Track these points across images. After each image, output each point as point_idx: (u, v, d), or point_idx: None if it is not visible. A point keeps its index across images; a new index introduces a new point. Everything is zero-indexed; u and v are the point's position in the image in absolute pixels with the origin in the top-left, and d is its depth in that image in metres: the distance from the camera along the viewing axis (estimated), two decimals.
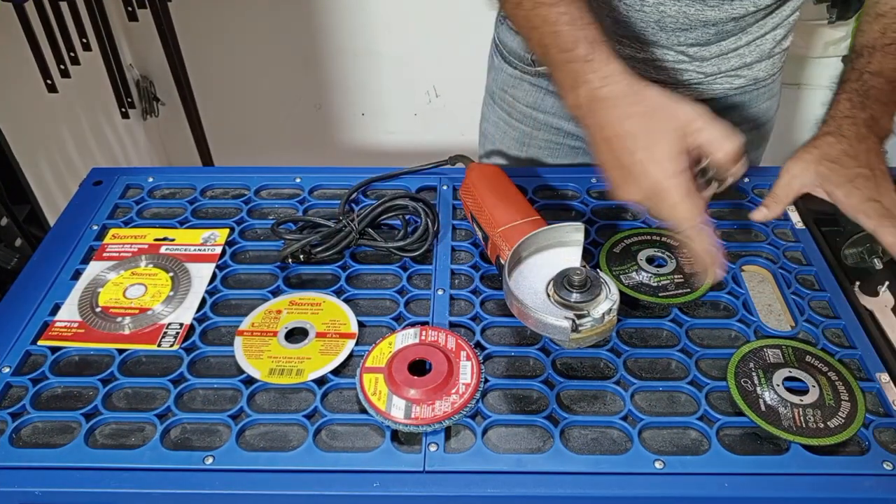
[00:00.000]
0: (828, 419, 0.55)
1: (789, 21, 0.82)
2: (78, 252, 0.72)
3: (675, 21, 0.75)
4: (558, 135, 0.91)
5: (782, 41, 0.84)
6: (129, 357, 0.61)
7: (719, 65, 0.81)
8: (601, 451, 0.54)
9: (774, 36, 0.82)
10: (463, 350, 0.59)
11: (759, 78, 0.85)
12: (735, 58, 0.81)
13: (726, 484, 0.52)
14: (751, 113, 0.88)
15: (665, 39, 0.78)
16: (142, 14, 1.54)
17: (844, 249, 0.69)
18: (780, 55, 0.85)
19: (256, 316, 0.64)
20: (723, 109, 0.86)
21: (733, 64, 0.82)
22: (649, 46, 0.79)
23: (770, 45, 0.82)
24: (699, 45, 0.78)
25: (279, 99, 1.99)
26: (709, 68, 0.81)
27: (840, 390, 0.57)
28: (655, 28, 0.77)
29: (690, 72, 0.81)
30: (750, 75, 0.84)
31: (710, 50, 0.79)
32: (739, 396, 0.56)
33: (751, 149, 0.92)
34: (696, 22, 0.75)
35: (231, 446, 0.54)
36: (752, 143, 0.91)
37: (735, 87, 0.84)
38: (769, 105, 0.90)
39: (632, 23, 0.77)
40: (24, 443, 0.56)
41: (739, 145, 0.55)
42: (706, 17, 0.74)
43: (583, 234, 0.62)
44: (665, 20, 0.75)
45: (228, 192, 0.80)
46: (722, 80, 0.83)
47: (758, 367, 0.59)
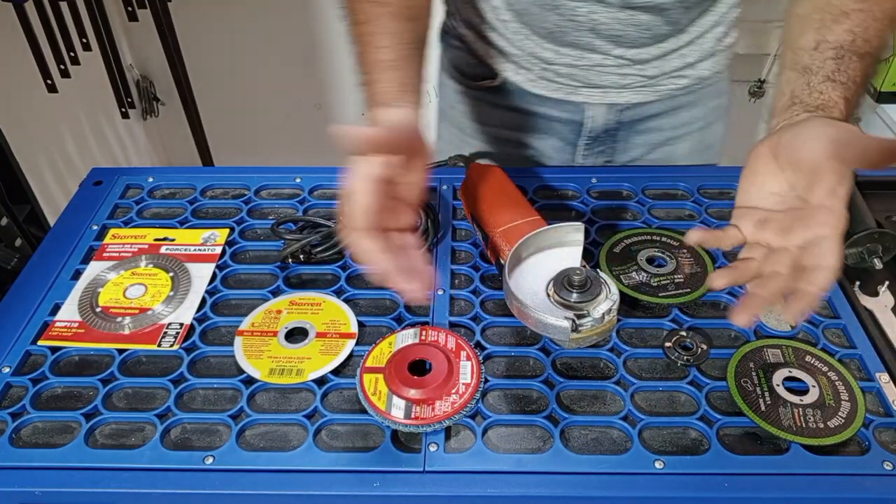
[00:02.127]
0: (828, 419, 0.55)
1: (729, 18, 0.81)
2: (78, 252, 0.72)
3: (609, 27, 0.75)
4: (508, 146, 0.90)
5: (724, 38, 0.83)
6: (129, 357, 0.61)
7: (661, 66, 0.81)
8: (601, 451, 0.54)
9: (715, 34, 0.81)
10: (463, 350, 0.59)
11: (704, 77, 0.84)
12: (676, 59, 0.81)
13: (726, 484, 0.52)
14: (700, 112, 0.87)
15: (602, 46, 0.77)
16: (142, 14, 1.54)
17: (844, 249, 0.69)
18: (725, 52, 0.85)
19: (256, 316, 0.64)
20: (671, 110, 0.86)
21: (675, 65, 0.81)
22: (589, 53, 0.78)
23: (711, 44, 0.82)
24: (637, 48, 0.78)
25: (279, 99, 1.99)
26: (651, 71, 0.80)
27: (840, 390, 0.57)
28: (591, 36, 0.76)
29: (633, 75, 0.81)
30: (694, 75, 0.83)
31: (650, 52, 0.78)
32: (739, 396, 0.56)
33: (703, 148, 0.91)
34: (629, 27, 0.74)
35: (231, 446, 0.54)
36: (704, 141, 0.90)
37: (680, 87, 0.83)
38: (718, 103, 0.89)
39: (566, 32, 0.76)
40: (24, 443, 0.56)
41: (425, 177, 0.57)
42: (639, 20, 0.74)
43: (583, 234, 0.62)
44: (599, 28, 0.75)
45: (228, 192, 0.80)
46: (666, 81, 0.82)
47: (758, 367, 0.59)
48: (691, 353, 0.60)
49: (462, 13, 0.84)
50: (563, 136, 0.87)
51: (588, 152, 0.88)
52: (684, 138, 0.88)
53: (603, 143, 0.87)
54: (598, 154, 0.88)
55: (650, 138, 0.87)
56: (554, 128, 0.86)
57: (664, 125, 0.86)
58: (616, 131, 0.86)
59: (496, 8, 0.79)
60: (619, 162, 0.89)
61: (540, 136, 0.87)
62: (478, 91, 0.87)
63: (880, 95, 1.67)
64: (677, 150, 0.89)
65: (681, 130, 0.88)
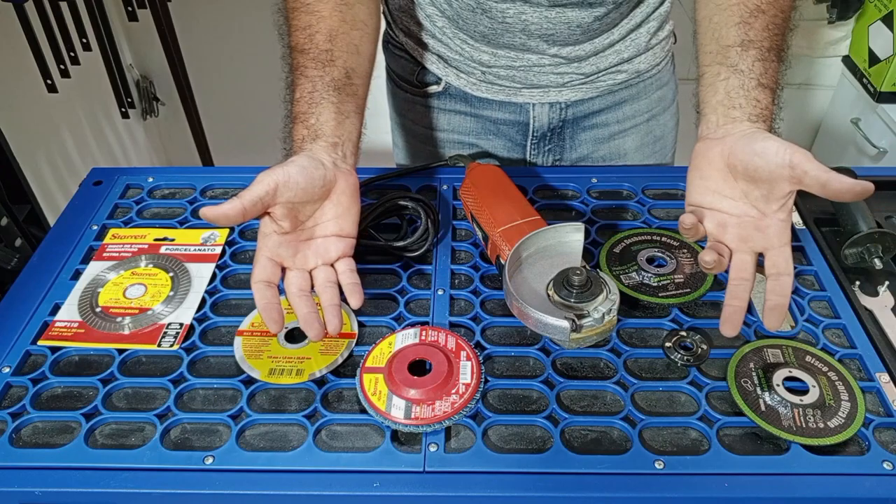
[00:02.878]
0: (828, 419, 0.55)
1: (660, 12, 0.82)
2: (78, 252, 0.72)
3: (540, 27, 0.75)
4: (460, 149, 0.90)
5: (658, 32, 0.83)
6: (129, 357, 0.61)
7: (597, 63, 0.81)
8: (601, 451, 0.54)
9: (648, 29, 0.82)
10: (463, 350, 0.59)
11: (642, 70, 0.84)
12: (612, 55, 0.81)
13: (726, 484, 0.52)
14: (643, 104, 0.88)
15: (537, 46, 0.78)
16: (142, 14, 1.54)
17: (844, 249, 0.69)
18: (661, 45, 0.85)
19: (256, 316, 0.64)
20: (614, 105, 0.86)
21: (612, 61, 0.82)
22: (524, 54, 0.79)
23: (646, 38, 0.82)
24: (571, 45, 0.78)
25: (279, 99, 1.99)
26: (587, 68, 0.81)
27: (840, 390, 0.57)
28: (524, 36, 0.77)
29: (570, 73, 0.81)
30: (631, 69, 0.83)
31: (584, 49, 0.79)
32: (739, 396, 0.56)
33: (652, 141, 0.92)
34: (559, 25, 0.75)
35: (231, 446, 0.54)
36: (652, 133, 0.91)
37: (619, 82, 0.84)
38: (662, 94, 0.89)
39: (499, 34, 0.77)
40: (24, 443, 0.56)
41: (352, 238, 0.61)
42: (567, 18, 0.74)
43: (583, 234, 0.62)
44: (530, 28, 0.75)
45: (228, 192, 0.80)
46: (604, 77, 0.83)
47: (758, 367, 0.59)
48: (691, 353, 0.60)
49: (399, 22, 0.85)
50: (511, 136, 0.88)
51: (536, 151, 0.89)
52: (630, 132, 0.89)
53: (550, 141, 0.88)
54: (548, 153, 0.89)
55: (596, 134, 0.88)
56: (501, 129, 0.87)
57: (609, 120, 0.87)
58: (562, 129, 0.87)
59: (430, 16, 0.81)
60: (568, 160, 0.90)
61: (488, 137, 0.89)
62: (424, 97, 0.88)
63: (880, 95, 1.67)
64: (626, 143, 0.90)
65: (626, 124, 0.88)
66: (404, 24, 0.84)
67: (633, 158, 0.91)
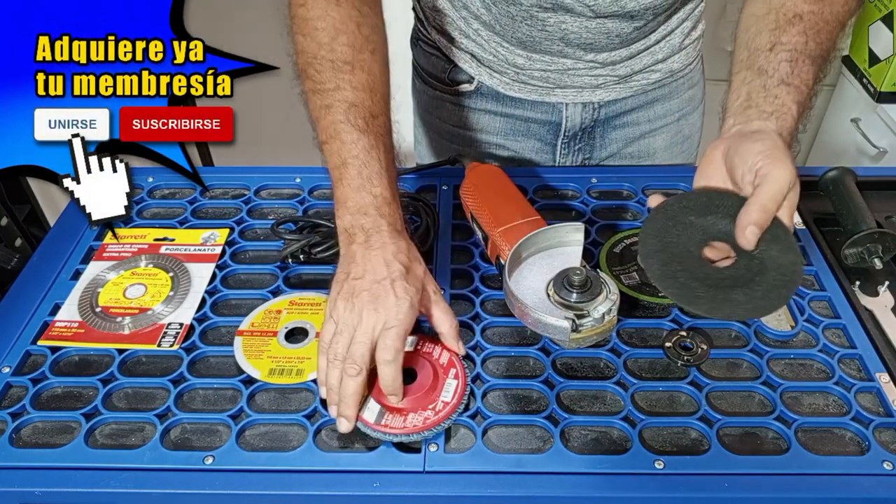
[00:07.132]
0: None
1: (695, 13, 0.82)
2: (78, 252, 0.72)
3: (579, 37, 0.75)
4: (488, 149, 0.90)
5: (691, 32, 0.83)
6: (129, 357, 0.61)
7: (632, 66, 0.81)
8: (601, 451, 0.54)
9: (682, 29, 0.82)
10: (454, 368, 0.58)
11: (676, 70, 0.85)
12: (647, 56, 0.81)
13: (726, 484, 0.51)
14: (675, 104, 0.88)
15: (573, 53, 0.78)
16: None
17: (844, 249, 0.69)
18: (694, 44, 0.85)
19: (256, 316, 0.64)
20: (646, 104, 0.86)
21: (646, 62, 0.82)
22: (560, 59, 0.79)
23: (679, 39, 0.82)
24: (607, 52, 0.78)
25: (279, 99, 1.99)
26: (622, 70, 0.81)
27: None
28: (562, 44, 0.77)
29: (605, 76, 0.81)
30: (665, 69, 0.84)
31: (619, 54, 0.79)
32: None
33: (681, 140, 0.92)
34: (599, 35, 0.75)
35: (231, 446, 0.54)
36: (681, 133, 0.91)
37: (652, 82, 0.84)
38: (692, 94, 0.89)
39: (537, 42, 0.77)
40: (24, 443, 0.56)
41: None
42: (608, 28, 0.74)
43: (583, 234, 0.62)
44: (569, 36, 0.75)
45: (228, 192, 0.80)
46: (638, 77, 0.83)
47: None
48: (691, 353, 0.60)
49: (433, 20, 0.85)
50: (542, 136, 0.87)
51: (567, 151, 0.88)
52: (661, 131, 0.89)
53: (581, 140, 0.87)
54: (577, 152, 0.89)
55: (627, 133, 0.88)
56: (532, 129, 0.87)
57: (640, 119, 0.87)
58: (593, 128, 0.87)
59: (465, 18, 0.80)
60: (597, 159, 0.90)
61: (518, 138, 0.88)
62: (454, 95, 0.88)
63: (880, 95, 1.66)
64: (655, 142, 0.90)
65: (657, 123, 0.88)
66: (437, 22, 0.84)
67: (662, 157, 0.91)
